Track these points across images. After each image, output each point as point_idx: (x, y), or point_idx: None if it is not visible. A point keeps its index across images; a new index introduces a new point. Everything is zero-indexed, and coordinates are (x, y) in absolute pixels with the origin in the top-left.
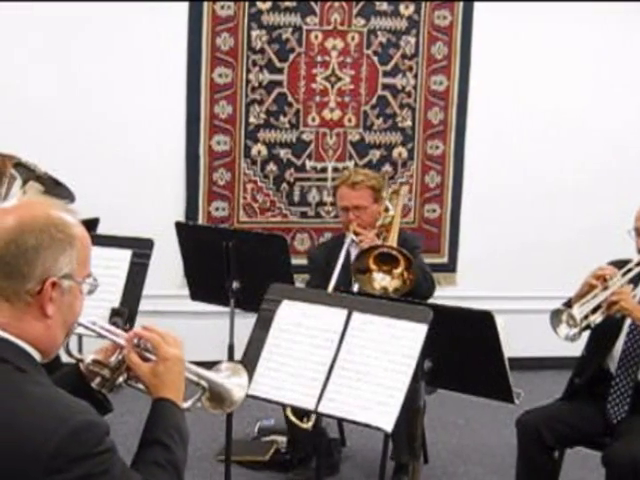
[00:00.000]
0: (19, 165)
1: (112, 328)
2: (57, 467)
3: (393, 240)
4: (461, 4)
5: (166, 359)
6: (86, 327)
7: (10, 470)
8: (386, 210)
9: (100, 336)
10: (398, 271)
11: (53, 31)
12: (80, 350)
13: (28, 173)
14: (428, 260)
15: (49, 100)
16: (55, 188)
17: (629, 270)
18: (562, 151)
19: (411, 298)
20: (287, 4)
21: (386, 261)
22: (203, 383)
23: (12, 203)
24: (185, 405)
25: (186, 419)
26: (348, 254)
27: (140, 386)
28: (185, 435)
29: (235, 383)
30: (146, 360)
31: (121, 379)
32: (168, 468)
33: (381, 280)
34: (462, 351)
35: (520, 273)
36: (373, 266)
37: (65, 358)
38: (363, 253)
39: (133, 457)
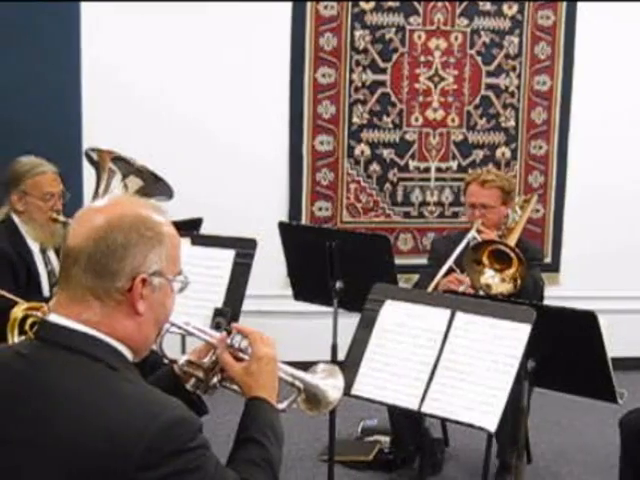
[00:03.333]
0: (118, 159)
1: (205, 328)
2: (150, 463)
3: (512, 242)
4: (564, 4)
5: (259, 358)
6: (179, 327)
7: (104, 467)
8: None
9: (193, 336)
10: (509, 272)
11: (171, 27)
12: (183, 351)
13: (127, 167)
14: None
15: (156, 99)
16: (155, 183)
17: None
18: None
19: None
20: (390, 4)
21: (499, 260)
22: (298, 384)
23: (102, 202)
24: (281, 406)
25: (289, 419)
26: (466, 250)
27: (234, 387)
28: (280, 434)
29: (330, 385)
30: (239, 360)
31: (215, 380)
32: (264, 466)
33: (488, 277)
34: (565, 351)
35: (623, 273)
36: (486, 260)
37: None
38: (480, 245)
39: (228, 456)
